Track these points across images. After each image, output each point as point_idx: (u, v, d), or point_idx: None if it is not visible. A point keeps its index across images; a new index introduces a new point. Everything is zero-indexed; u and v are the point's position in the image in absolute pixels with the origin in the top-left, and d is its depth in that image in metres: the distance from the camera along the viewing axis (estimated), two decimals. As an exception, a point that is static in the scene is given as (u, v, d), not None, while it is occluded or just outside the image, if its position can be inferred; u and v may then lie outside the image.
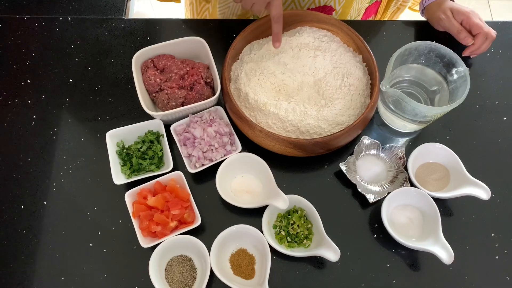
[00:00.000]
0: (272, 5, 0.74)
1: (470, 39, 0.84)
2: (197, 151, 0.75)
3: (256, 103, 0.77)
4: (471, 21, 0.83)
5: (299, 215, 0.73)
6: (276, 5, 0.74)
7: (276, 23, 0.76)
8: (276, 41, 0.78)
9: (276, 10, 0.74)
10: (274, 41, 0.79)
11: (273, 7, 0.74)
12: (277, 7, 0.74)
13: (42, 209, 0.76)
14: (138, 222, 0.72)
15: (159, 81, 0.80)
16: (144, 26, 0.93)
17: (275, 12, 0.75)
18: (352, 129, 0.75)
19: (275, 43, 0.79)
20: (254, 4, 0.73)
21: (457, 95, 0.74)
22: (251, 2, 0.73)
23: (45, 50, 0.90)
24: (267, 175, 0.75)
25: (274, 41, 0.79)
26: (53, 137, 0.82)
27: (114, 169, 0.75)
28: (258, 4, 0.73)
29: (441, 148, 0.77)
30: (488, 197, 0.71)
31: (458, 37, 0.85)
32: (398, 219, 0.75)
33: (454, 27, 0.85)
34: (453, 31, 0.86)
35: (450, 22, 0.85)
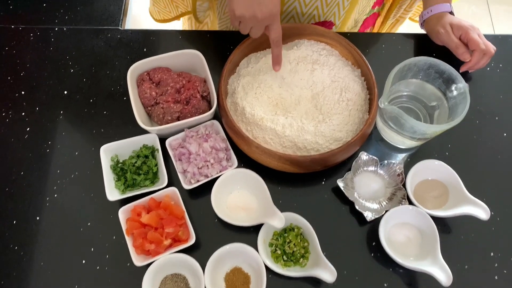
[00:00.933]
0: (271, 29, 0.72)
1: (468, 55, 0.83)
2: (192, 167, 0.74)
3: (253, 118, 0.76)
4: (469, 36, 0.82)
5: (296, 233, 0.72)
6: (275, 28, 0.72)
7: (276, 46, 0.74)
8: (276, 64, 0.77)
9: (275, 34, 0.72)
10: (274, 64, 0.77)
11: (272, 31, 0.72)
12: (276, 30, 0.72)
13: (35, 225, 0.75)
14: (132, 240, 0.70)
15: (155, 94, 0.79)
16: (141, 37, 0.92)
17: (274, 36, 0.73)
18: (350, 146, 0.74)
19: (275, 66, 0.77)
20: (253, 28, 0.71)
21: (456, 112, 0.73)
22: (249, 26, 0.71)
23: (40, 61, 0.89)
24: (263, 191, 0.74)
25: (274, 64, 0.77)
26: (47, 151, 0.81)
27: (108, 185, 0.73)
28: (256, 28, 0.71)
29: (440, 165, 0.76)
30: (487, 217, 0.70)
31: (456, 53, 0.85)
32: (396, 237, 0.73)
33: (453, 42, 0.84)
34: (451, 46, 0.85)
35: (448, 36, 0.84)
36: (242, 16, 0.68)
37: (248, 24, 0.70)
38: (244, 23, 0.70)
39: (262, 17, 0.68)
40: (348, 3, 0.86)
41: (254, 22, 0.69)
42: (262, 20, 0.68)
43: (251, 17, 0.68)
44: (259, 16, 0.67)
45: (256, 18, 0.68)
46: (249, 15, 0.68)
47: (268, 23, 0.71)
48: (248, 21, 0.69)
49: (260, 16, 0.68)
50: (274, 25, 0.71)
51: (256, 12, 0.67)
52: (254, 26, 0.70)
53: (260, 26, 0.70)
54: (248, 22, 0.69)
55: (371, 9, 0.94)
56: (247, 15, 0.68)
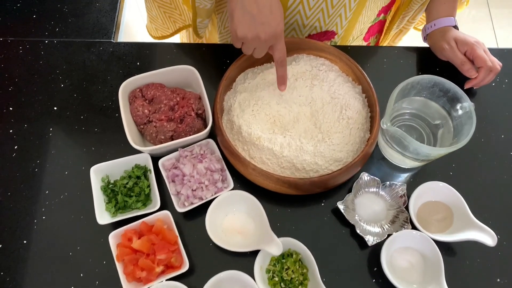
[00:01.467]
0: (275, 49, 0.68)
1: (474, 72, 0.80)
2: (186, 189, 0.71)
3: (250, 137, 0.73)
4: (475, 53, 0.79)
5: (294, 259, 0.69)
6: (279, 48, 0.68)
7: (281, 66, 0.71)
8: (281, 84, 0.74)
9: (279, 53, 0.69)
10: (280, 84, 0.74)
11: (276, 51, 0.69)
12: (280, 50, 0.69)
13: (22, 249, 0.72)
14: (122, 266, 0.67)
15: (147, 112, 0.76)
16: (134, 50, 0.89)
17: (279, 56, 0.69)
18: (351, 167, 0.71)
19: (280, 86, 0.74)
20: (256, 48, 0.68)
21: (461, 133, 0.70)
22: (252, 47, 0.67)
23: (29, 75, 0.86)
24: (260, 215, 0.71)
25: (279, 84, 0.74)
26: (35, 170, 0.77)
27: (98, 208, 0.70)
28: (259, 49, 0.68)
29: (444, 187, 0.73)
30: (494, 243, 0.67)
31: (462, 69, 0.82)
32: (398, 263, 0.70)
33: (458, 58, 0.81)
34: (456, 62, 0.82)
35: (453, 53, 0.81)
36: (244, 37, 0.65)
37: (251, 45, 0.67)
38: (247, 44, 0.67)
39: (265, 37, 0.65)
40: (350, 14, 0.84)
41: (257, 43, 0.66)
42: (265, 40, 0.65)
43: (254, 38, 0.65)
44: (262, 36, 0.64)
45: (259, 39, 0.65)
46: (251, 36, 0.64)
47: (272, 43, 0.67)
48: (251, 42, 0.66)
49: (263, 37, 0.64)
50: (278, 45, 0.68)
51: (259, 32, 0.64)
52: (258, 46, 0.67)
53: (263, 46, 0.67)
54: (251, 43, 0.66)
55: (376, 17, 0.91)
56: (249, 36, 0.64)
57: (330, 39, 0.91)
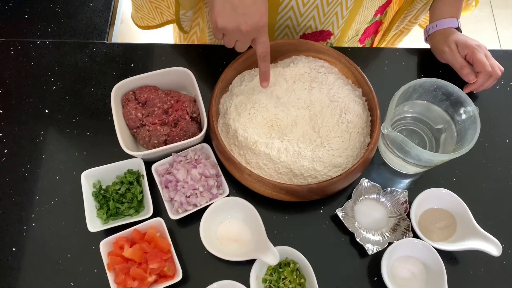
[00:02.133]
0: (258, 42, 0.65)
1: (473, 76, 0.78)
2: (180, 195, 0.69)
3: (246, 141, 0.71)
4: (475, 57, 0.77)
5: (291, 268, 0.67)
6: (262, 42, 0.65)
7: (263, 61, 0.68)
8: (264, 80, 0.71)
9: (262, 48, 0.66)
10: (262, 81, 0.71)
11: (259, 45, 0.66)
12: (263, 44, 0.66)
13: (11, 256, 0.70)
14: (114, 275, 0.65)
15: (140, 115, 0.73)
16: (128, 51, 0.86)
17: (261, 50, 0.66)
18: (350, 174, 0.68)
19: (262, 83, 0.71)
20: (238, 41, 0.65)
21: (465, 138, 0.68)
22: (234, 39, 0.64)
23: (20, 77, 0.83)
24: (256, 222, 0.68)
25: (261, 81, 0.71)
26: (25, 175, 0.75)
27: (89, 215, 0.68)
28: (241, 42, 0.64)
29: (447, 193, 0.71)
30: (499, 253, 0.65)
31: (461, 73, 0.80)
32: (400, 272, 0.68)
33: (457, 62, 0.79)
34: (455, 66, 0.80)
35: (453, 56, 0.79)
36: (224, 28, 0.62)
37: (232, 37, 0.63)
38: (228, 35, 0.63)
39: (246, 29, 0.61)
40: (347, 12, 0.81)
41: (238, 34, 0.62)
42: (247, 32, 0.62)
43: (235, 29, 0.61)
44: (243, 28, 0.61)
45: (240, 31, 0.61)
46: (232, 27, 0.61)
47: (254, 36, 0.64)
48: (232, 33, 0.62)
49: (244, 29, 0.61)
50: (260, 38, 0.65)
51: (240, 23, 0.61)
52: (239, 39, 0.64)
53: (245, 39, 0.64)
54: (231, 35, 0.63)
55: (373, 18, 0.89)
56: (230, 27, 0.61)
57: (326, 39, 0.89)
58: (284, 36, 0.88)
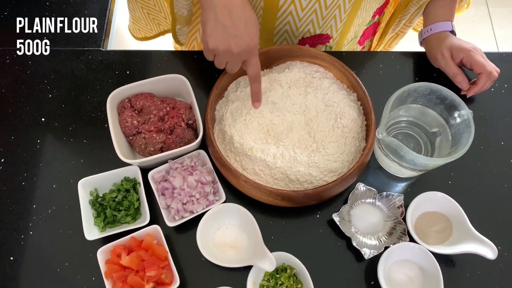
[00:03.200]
0: (249, 64, 0.65)
1: (466, 84, 0.79)
2: (176, 202, 0.69)
3: (242, 148, 0.71)
4: (473, 60, 0.77)
5: (288, 274, 0.67)
6: (253, 64, 0.65)
7: (254, 82, 0.68)
8: (256, 101, 0.71)
9: (253, 69, 0.66)
10: (254, 101, 0.71)
11: (249, 66, 0.66)
12: (254, 66, 0.66)
13: (8, 266, 0.70)
14: (111, 284, 0.65)
15: (136, 123, 0.74)
16: (124, 58, 0.86)
17: (252, 71, 0.66)
18: (346, 179, 0.69)
19: (254, 103, 0.72)
20: (228, 62, 0.65)
21: (460, 142, 0.68)
22: (225, 60, 0.64)
23: (17, 85, 0.83)
24: (253, 228, 0.69)
25: (253, 101, 0.71)
26: (22, 183, 0.75)
27: (86, 223, 0.68)
28: (232, 63, 0.64)
29: (442, 197, 0.71)
30: (494, 256, 0.65)
31: (454, 81, 0.80)
32: (396, 276, 0.68)
33: (450, 70, 0.80)
34: (448, 74, 0.81)
35: (446, 63, 0.80)
36: (215, 49, 0.62)
37: (223, 58, 0.64)
38: (219, 57, 0.64)
39: (237, 51, 0.62)
40: (345, 16, 0.81)
41: (229, 56, 0.63)
42: (238, 54, 0.62)
43: (226, 51, 0.62)
44: (234, 50, 0.61)
45: (231, 52, 0.62)
46: (223, 48, 0.62)
47: (245, 58, 0.64)
48: (223, 55, 0.63)
49: (235, 50, 0.61)
50: (251, 60, 0.65)
51: (231, 45, 0.61)
52: (230, 60, 0.64)
53: (236, 60, 0.64)
54: (222, 56, 0.63)
55: (371, 19, 0.89)
56: (221, 49, 0.62)
57: (325, 43, 0.89)
58: (283, 41, 0.88)
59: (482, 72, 0.77)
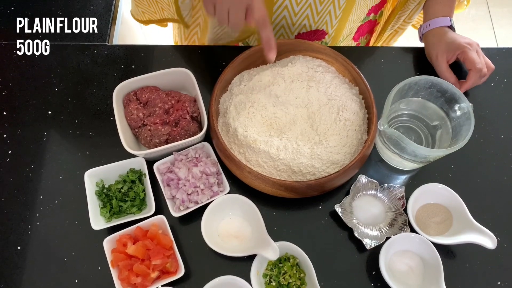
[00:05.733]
0: (254, 9, 0.61)
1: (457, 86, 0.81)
2: (181, 193, 0.70)
3: (246, 140, 0.72)
4: (466, 55, 0.78)
5: (291, 263, 0.68)
6: (257, 7, 0.61)
7: (263, 27, 0.64)
8: (269, 50, 0.66)
9: (259, 12, 0.62)
10: (267, 51, 0.66)
11: (255, 10, 0.61)
12: (259, 9, 0.62)
13: (16, 255, 0.71)
14: (117, 272, 0.67)
15: (142, 116, 0.75)
16: (129, 53, 0.88)
17: (259, 15, 0.62)
18: (348, 170, 0.70)
19: (268, 53, 0.66)
20: (230, 12, 0.61)
21: (460, 134, 0.69)
22: (225, 9, 0.60)
23: (23, 79, 0.85)
24: (257, 219, 0.70)
25: (266, 51, 0.66)
26: (29, 175, 0.77)
27: (92, 213, 0.70)
28: (234, 11, 0.60)
29: (443, 189, 0.72)
30: (494, 246, 0.66)
31: None
32: (397, 266, 0.69)
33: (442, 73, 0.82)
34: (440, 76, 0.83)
35: (438, 66, 0.82)
36: None
37: (224, 6, 0.60)
38: (219, 5, 0.61)
39: None
40: (340, 12, 0.82)
41: (229, 1, 0.60)
42: None
43: None
44: None
45: None
46: None
47: (247, 2, 0.61)
48: (223, 1, 0.60)
49: None
50: (255, 4, 0.61)
51: None
52: (231, 6, 0.60)
53: (237, 7, 0.60)
54: (223, 4, 0.60)
55: (366, 16, 0.90)
56: None
57: (320, 39, 0.90)
58: (280, 37, 0.89)
59: (472, 69, 0.78)
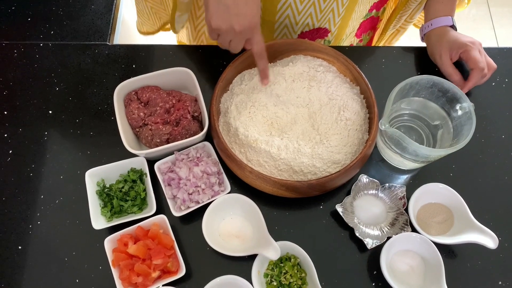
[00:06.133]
0: (253, 42, 0.67)
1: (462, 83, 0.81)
2: (182, 192, 0.70)
3: (247, 139, 0.72)
4: (468, 55, 0.78)
5: (292, 263, 0.68)
6: (256, 41, 0.67)
7: (260, 59, 0.70)
8: (264, 78, 0.73)
9: (257, 46, 0.68)
10: (262, 78, 0.73)
11: (254, 44, 0.67)
12: (258, 43, 0.67)
13: (17, 255, 0.71)
14: (118, 272, 0.66)
15: (143, 115, 0.75)
16: (130, 52, 0.88)
17: (257, 49, 0.68)
18: (349, 170, 0.70)
19: (263, 81, 0.73)
20: (232, 41, 0.66)
21: (461, 133, 0.69)
22: (228, 39, 0.66)
23: (24, 79, 0.85)
24: (258, 218, 0.70)
25: (262, 79, 0.73)
26: (30, 174, 0.77)
27: (93, 212, 0.69)
28: (235, 42, 0.66)
29: (444, 188, 0.72)
30: (495, 245, 0.66)
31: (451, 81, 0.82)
32: (398, 266, 0.69)
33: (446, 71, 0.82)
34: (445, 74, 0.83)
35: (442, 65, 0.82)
36: (218, 29, 0.64)
37: (226, 37, 0.65)
38: (222, 35, 0.65)
39: (240, 29, 0.63)
40: (343, 9, 0.82)
41: (232, 34, 0.64)
42: (240, 32, 0.64)
43: (229, 29, 0.63)
44: (236, 28, 0.63)
45: (234, 30, 0.63)
46: (226, 27, 0.63)
47: (248, 36, 0.66)
48: (226, 33, 0.64)
49: (238, 28, 0.63)
50: (254, 37, 0.67)
51: (233, 23, 0.63)
52: (233, 39, 0.66)
53: (239, 38, 0.65)
54: (225, 35, 0.65)
55: (368, 13, 0.90)
56: (224, 27, 0.63)
57: (323, 37, 0.90)
58: (283, 36, 0.89)
59: (474, 68, 0.78)
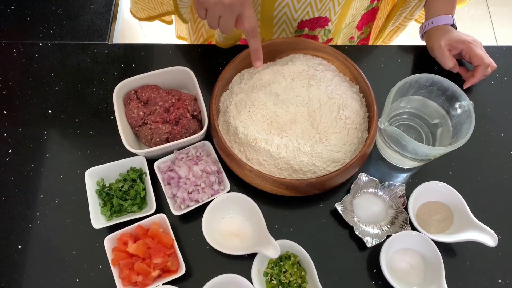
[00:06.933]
0: (244, 17, 0.62)
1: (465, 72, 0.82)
2: (182, 191, 0.70)
3: (246, 138, 0.72)
4: (473, 52, 0.78)
5: (292, 262, 0.68)
6: (248, 16, 0.62)
7: (252, 37, 0.65)
8: (256, 59, 0.67)
9: (249, 22, 0.63)
10: (254, 60, 0.68)
11: (245, 19, 0.62)
12: (249, 18, 0.62)
13: (17, 254, 0.71)
14: (118, 271, 0.66)
15: (142, 114, 0.75)
16: (129, 52, 0.88)
17: (248, 25, 0.63)
18: (348, 168, 0.70)
19: (255, 62, 0.68)
20: (221, 18, 0.61)
21: (460, 132, 0.69)
22: (217, 15, 0.61)
23: (24, 78, 0.85)
24: (257, 217, 0.70)
25: (254, 60, 0.68)
26: (30, 174, 0.77)
27: (93, 212, 0.70)
28: (225, 18, 0.61)
29: (443, 187, 0.72)
30: (495, 244, 0.66)
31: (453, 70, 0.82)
32: (398, 264, 0.69)
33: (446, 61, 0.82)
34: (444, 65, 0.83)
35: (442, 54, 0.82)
36: (206, 2, 0.60)
37: (215, 12, 0.61)
38: (210, 10, 0.61)
39: (229, 2, 0.59)
40: None
41: (221, 8, 0.60)
42: (230, 5, 0.59)
43: (217, 3, 0.59)
44: (226, 1, 0.59)
45: (223, 4, 0.59)
46: (214, 0, 0.60)
47: (238, 11, 0.61)
48: (214, 7, 0.60)
49: (227, 2, 0.59)
50: (245, 12, 0.62)
51: None
52: (222, 14, 0.61)
53: (229, 13, 0.61)
54: (214, 9, 0.60)
55: (370, 4, 0.90)
56: (211, 0, 0.60)
57: (323, 26, 0.89)
58: (282, 25, 0.87)
59: (480, 65, 0.78)
